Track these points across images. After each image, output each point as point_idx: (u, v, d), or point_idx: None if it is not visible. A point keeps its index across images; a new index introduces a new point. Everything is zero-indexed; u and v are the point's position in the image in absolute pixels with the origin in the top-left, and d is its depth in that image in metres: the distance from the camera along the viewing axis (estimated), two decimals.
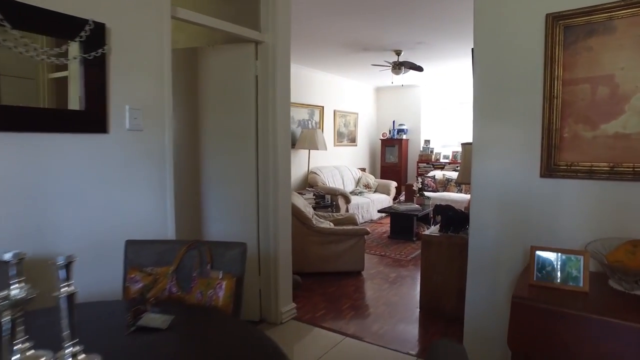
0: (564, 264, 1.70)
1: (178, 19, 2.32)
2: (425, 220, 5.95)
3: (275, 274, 3.06)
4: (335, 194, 6.52)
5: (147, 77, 2.13)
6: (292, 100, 7.05)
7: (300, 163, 7.05)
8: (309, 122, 7.29)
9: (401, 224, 5.71)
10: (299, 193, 6.30)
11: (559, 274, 1.70)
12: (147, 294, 1.67)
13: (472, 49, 2.26)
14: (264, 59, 2.93)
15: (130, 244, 1.78)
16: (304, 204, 4.60)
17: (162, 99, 2.21)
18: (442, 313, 3.18)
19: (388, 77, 7.33)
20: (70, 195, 1.86)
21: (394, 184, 7.80)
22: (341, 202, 6.57)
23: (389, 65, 5.82)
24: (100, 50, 1.89)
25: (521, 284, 1.72)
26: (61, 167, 1.82)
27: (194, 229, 3.14)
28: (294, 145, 6.79)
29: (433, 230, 3.32)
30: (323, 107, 7.54)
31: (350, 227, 4.56)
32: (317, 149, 6.60)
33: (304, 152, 6.98)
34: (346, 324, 3.11)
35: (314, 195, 6.38)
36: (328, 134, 7.77)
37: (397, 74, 5.80)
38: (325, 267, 4.24)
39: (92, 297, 1.79)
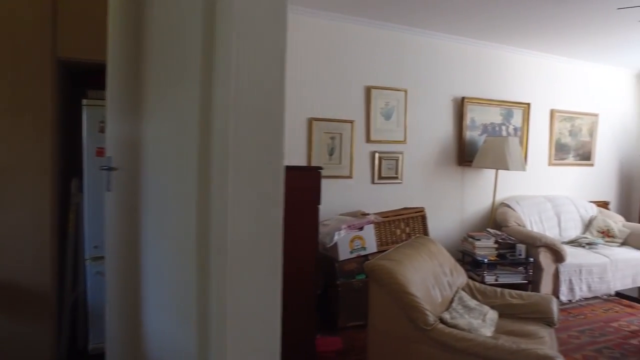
0: None
1: None
2: None
3: None
4: (534, 243, 3.91)
5: None
6: (472, 94, 4.63)
7: (483, 189, 4.65)
8: (504, 127, 4.79)
9: None
10: (470, 237, 3.99)
11: None
12: None
13: None
14: None
15: None
16: (430, 271, 2.47)
17: None
18: None
19: None
20: None
21: None
22: (545, 258, 3.90)
23: None
24: None
25: None
26: None
27: (132, 313, 1.62)
28: (470, 161, 4.48)
29: None
30: (529, 104, 4.88)
31: (525, 340, 2.17)
32: (506, 168, 4.12)
33: (489, 173, 4.57)
34: None
35: (496, 242, 3.96)
36: (538, 146, 5.03)
37: None
38: None
39: None
